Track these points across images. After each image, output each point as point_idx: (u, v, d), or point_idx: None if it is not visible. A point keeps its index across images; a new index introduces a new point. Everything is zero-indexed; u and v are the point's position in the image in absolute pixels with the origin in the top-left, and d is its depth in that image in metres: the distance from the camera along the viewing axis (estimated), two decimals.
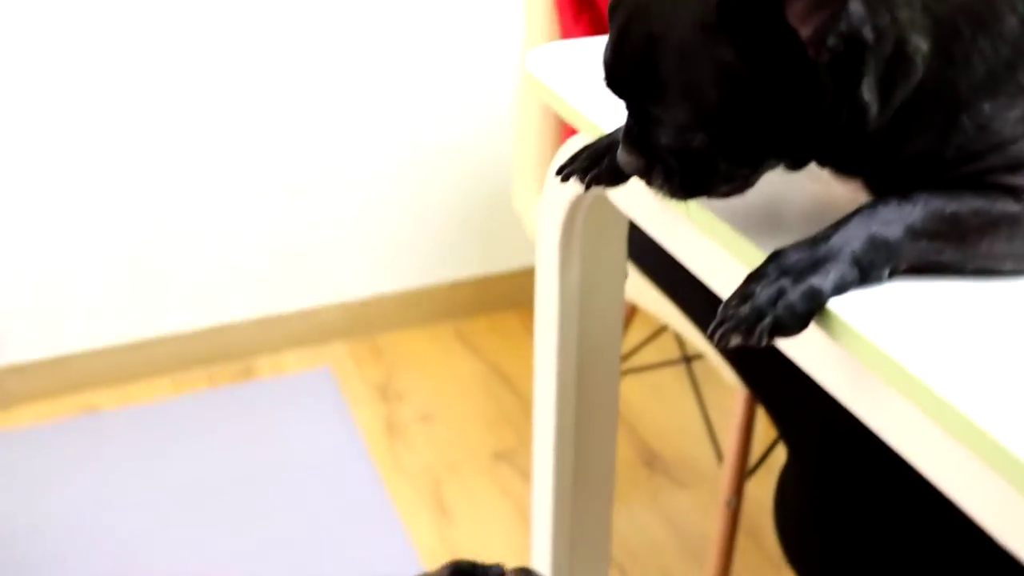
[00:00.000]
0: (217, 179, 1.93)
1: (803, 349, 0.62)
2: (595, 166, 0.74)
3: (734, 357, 1.19)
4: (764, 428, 1.67)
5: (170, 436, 1.87)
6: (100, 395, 1.98)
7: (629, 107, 0.62)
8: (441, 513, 1.72)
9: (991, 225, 0.58)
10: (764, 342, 0.57)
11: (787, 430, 1.12)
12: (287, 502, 1.72)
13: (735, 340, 0.58)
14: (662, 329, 1.68)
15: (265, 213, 1.98)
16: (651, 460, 1.81)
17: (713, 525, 1.37)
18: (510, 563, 0.94)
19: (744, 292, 0.58)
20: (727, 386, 1.45)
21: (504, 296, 2.17)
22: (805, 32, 0.55)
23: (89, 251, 1.90)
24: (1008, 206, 0.58)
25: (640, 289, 1.39)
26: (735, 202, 0.65)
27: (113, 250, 1.91)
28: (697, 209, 0.68)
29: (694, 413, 1.83)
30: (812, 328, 0.58)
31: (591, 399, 1.11)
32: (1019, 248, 0.59)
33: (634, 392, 1.96)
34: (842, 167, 0.63)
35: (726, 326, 0.57)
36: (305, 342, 2.10)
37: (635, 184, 0.76)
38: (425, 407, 1.95)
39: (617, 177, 0.73)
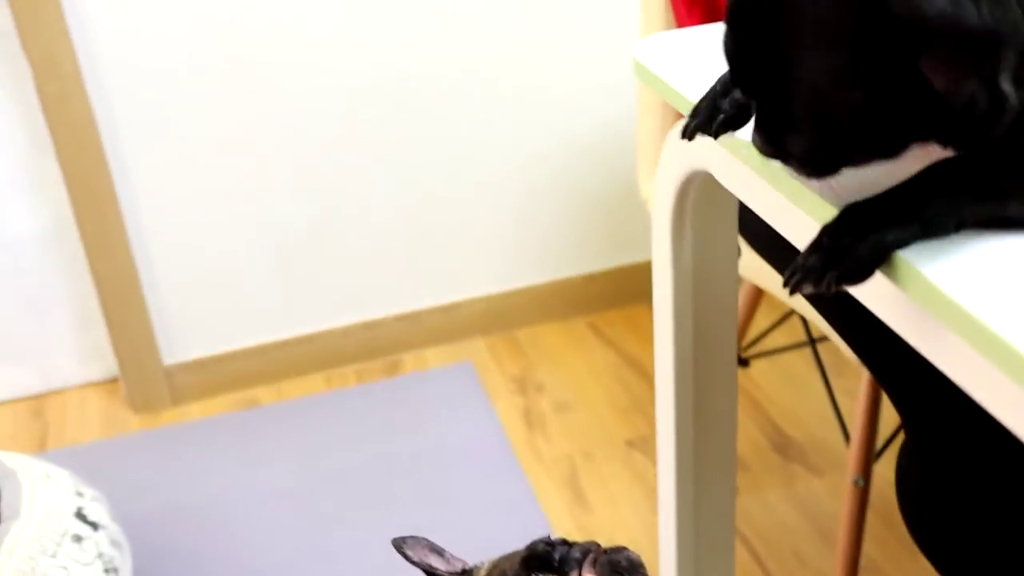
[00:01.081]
0: (360, 182, 2.04)
1: (873, 296, 0.66)
2: (715, 115, 0.75)
3: (847, 332, 1.20)
4: (892, 409, 1.66)
5: (322, 428, 1.99)
6: (260, 390, 2.12)
7: (757, 91, 0.63)
8: (577, 499, 1.78)
9: None
10: (832, 290, 0.60)
11: (902, 404, 1.13)
12: (431, 489, 1.81)
13: (806, 288, 0.62)
14: (790, 313, 1.70)
15: (405, 214, 2.09)
16: (784, 446, 1.83)
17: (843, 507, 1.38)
18: (643, 547, 0.97)
19: (817, 244, 0.62)
20: (854, 367, 1.45)
21: (636, 288, 2.21)
22: (940, 84, 0.55)
23: (244, 254, 2.04)
24: None
25: (765, 273, 1.42)
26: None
27: (265, 253, 2.05)
28: (786, 180, 0.72)
29: (825, 397, 1.84)
30: (879, 277, 0.61)
31: (709, 378, 1.14)
32: None
33: (765, 377, 1.97)
34: (952, 143, 0.64)
35: (798, 275, 0.61)
36: (446, 338, 2.20)
37: (740, 166, 0.80)
38: (561, 397, 2.02)
39: (740, 120, 0.74)
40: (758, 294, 1.55)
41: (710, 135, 0.75)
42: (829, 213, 0.66)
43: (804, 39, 0.58)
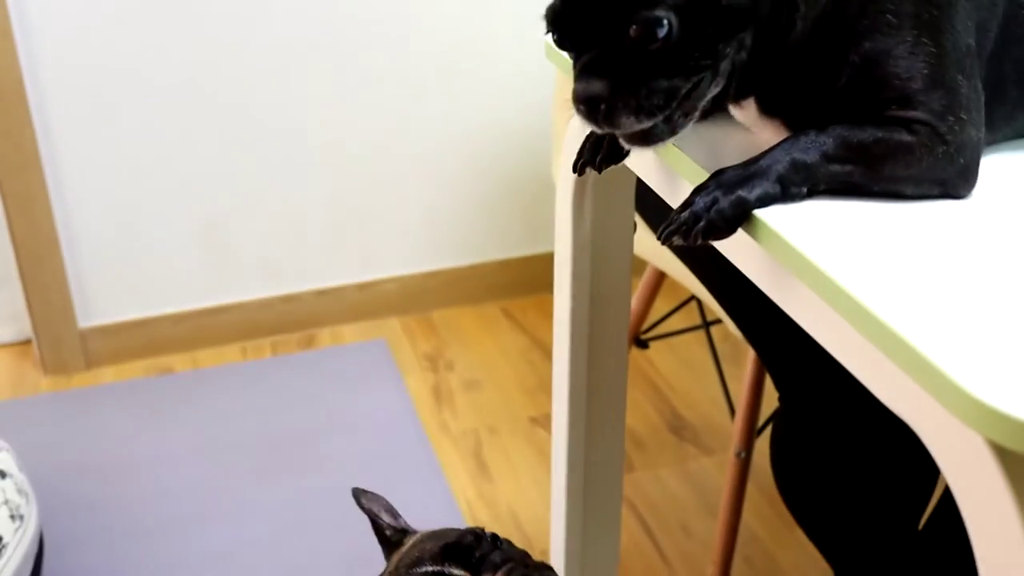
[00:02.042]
0: (282, 158, 2.08)
1: (736, 251, 0.74)
2: (599, 151, 0.85)
3: (731, 306, 1.30)
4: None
5: (235, 397, 2.03)
6: (175, 358, 2.15)
7: (585, 38, 0.70)
8: (481, 470, 1.85)
9: (891, 153, 0.69)
10: (699, 241, 0.68)
11: (779, 377, 1.23)
12: (340, 458, 1.86)
13: (677, 240, 0.70)
14: (689, 299, 1.79)
15: (328, 192, 2.14)
16: (678, 427, 1.92)
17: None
18: (540, 516, 0.96)
19: (689, 201, 0.70)
20: (746, 353, 1.55)
21: (549, 276, 2.28)
22: None
23: (167, 223, 2.07)
24: (903, 137, 0.68)
25: (665, 258, 1.50)
26: (693, 147, 0.77)
27: (188, 221, 2.08)
28: (668, 148, 0.80)
29: (718, 381, 1.94)
30: (741, 233, 0.70)
31: (603, 352, 1.21)
32: (916, 173, 0.69)
33: (663, 360, 2.07)
34: (766, 105, 0.74)
35: (670, 228, 0.69)
36: (363, 315, 2.25)
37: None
38: (471, 376, 2.09)
39: (617, 156, 0.84)
40: (659, 278, 1.64)
41: (596, 170, 0.86)
42: (703, 177, 0.75)
43: None
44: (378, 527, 0.99)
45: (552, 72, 2.10)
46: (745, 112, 0.77)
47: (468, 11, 2.06)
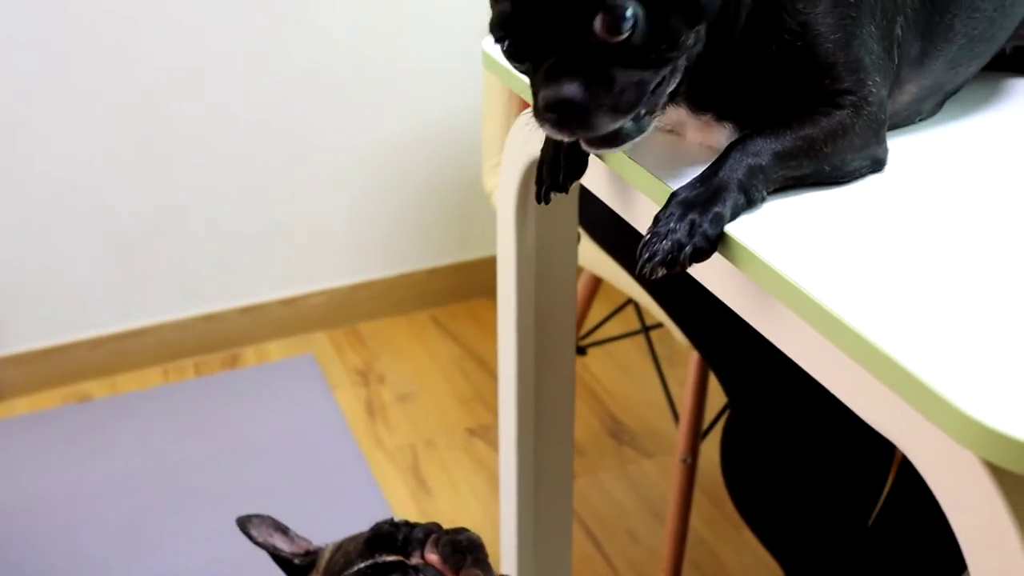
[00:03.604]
0: (201, 172, 2.01)
1: (709, 275, 0.72)
2: (557, 171, 0.82)
3: (679, 315, 1.28)
4: (719, 391, 1.77)
5: (159, 422, 1.95)
6: (92, 384, 2.06)
7: (542, 48, 0.67)
8: (420, 486, 1.81)
9: (830, 133, 0.70)
10: (687, 267, 0.66)
11: (727, 379, 1.22)
12: (272, 479, 1.80)
13: (660, 271, 0.67)
14: (625, 304, 1.78)
15: (248, 205, 2.07)
16: (617, 431, 1.91)
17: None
18: (484, 530, 0.98)
19: (659, 230, 0.67)
20: (685, 356, 1.54)
21: (478, 283, 2.26)
22: None
23: (80, 243, 1.98)
24: (835, 115, 0.70)
25: (602, 263, 1.48)
26: (644, 159, 0.76)
27: (103, 242, 2.00)
28: (622, 161, 0.78)
29: (655, 385, 1.93)
30: (716, 257, 0.68)
31: (549, 365, 1.19)
32: (853, 143, 0.71)
33: (600, 366, 2.06)
34: (697, 102, 0.73)
35: (654, 260, 0.66)
36: (289, 331, 2.19)
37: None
38: (403, 388, 2.05)
39: (579, 170, 0.81)
40: (595, 284, 1.62)
41: (562, 192, 0.82)
42: (664, 192, 0.72)
43: None
44: (282, 559, 0.97)
45: (478, 77, 2.07)
46: (668, 115, 0.75)
47: (387, 14, 2.01)
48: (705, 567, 1.62)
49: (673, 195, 0.69)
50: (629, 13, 0.63)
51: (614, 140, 0.67)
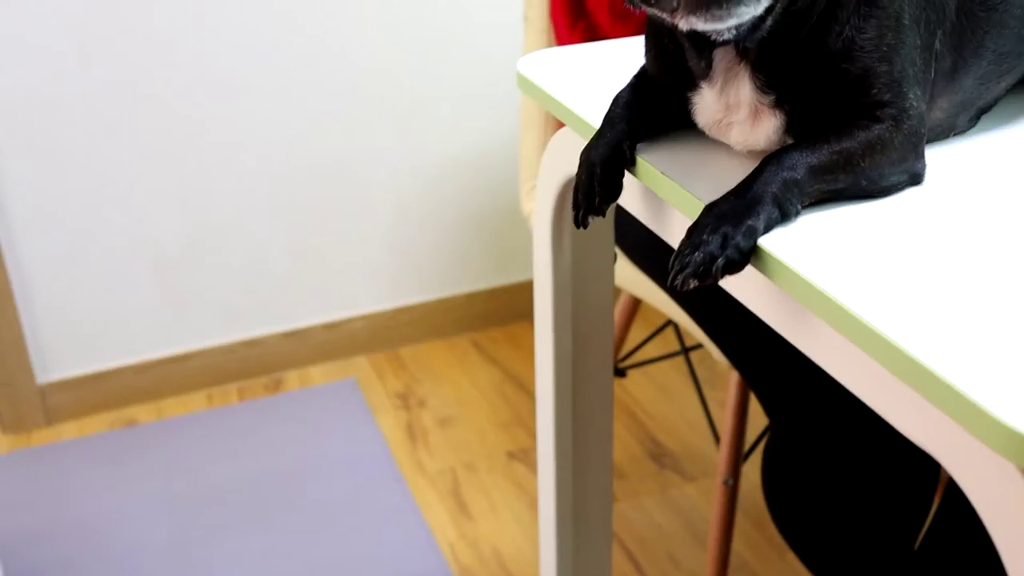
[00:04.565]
0: (240, 198, 2.04)
1: (744, 288, 0.72)
2: (593, 195, 0.82)
3: (718, 335, 1.28)
4: (760, 412, 1.76)
5: (203, 446, 1.97)
6: (138, 409, 2.09)
7: None
8: (460, 510, 1.81)
9: (868, 147, 0.70)
10: (719, 280, 0.66)
11: (767, 398, 1.21)
12: (315, 503, 1.81)
13: (692, 283, 0.67)
14: (664, 325, 1.77)
15: (287, 230, 2.10)
16: (658, 454, 1.90)
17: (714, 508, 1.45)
18: (525, 553, 0.93)
19: (692, 242, 0.68)
20: (724, 379, 1.53)
21: (518, 307, 2.27)
22: None
23: (123, 270, 2.01)
24: (874, 129, 0.70)
25: (639, 283, 1.48)
26: (679, 175, 0.76)
27: (145, 269, 2.03)
28: (655, 177, 0.78)
29: (695, 407, 1.92)
30: (749, 268, 0.68)
31: (587, 385, 1.19)
32: (891, 158, 0.71)
33: (640, 388, 2.05)
34: (765, 71, 0.72)
35: (685, 272, 0.67)
36: (330, 355, 2.21)
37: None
38: (444, 412, 2.05)
39: (614, 192, 0.81)
40: (634, 305, 1.62)
41: (599, 215, 0.81)
42: (697, 206, 0.72)
43: None
44: None
45: (515, 101, 2.09)
46: (725, 95, 0.75)
47: (423, 40, 2.03)
48: None
49: (707, 208, 0.69)
50: None
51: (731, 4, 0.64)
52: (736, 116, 0.76)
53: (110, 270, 2.01)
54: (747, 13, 0.65)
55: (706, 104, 0.76)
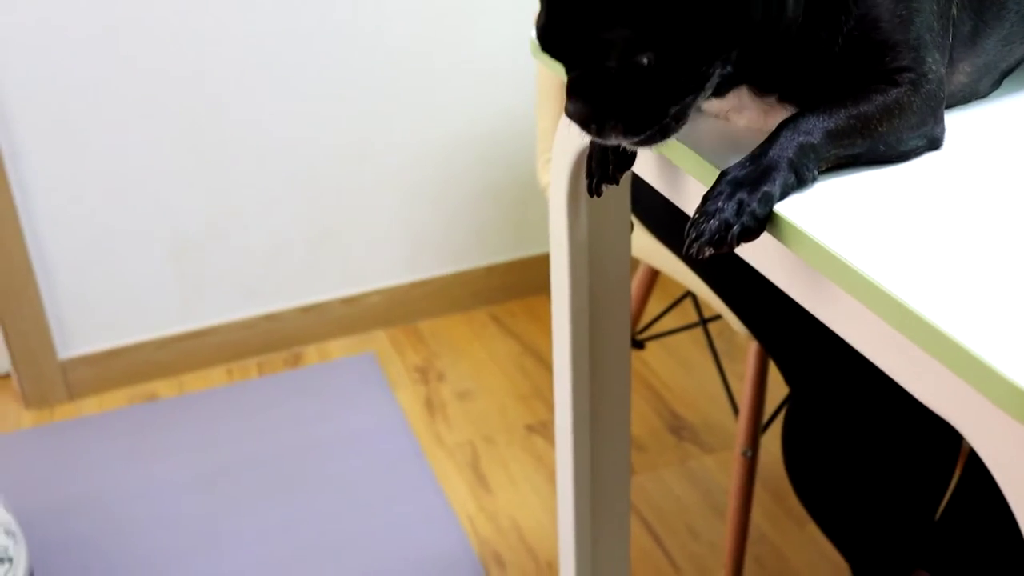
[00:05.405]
0: (257, 175, 2.04)
1: (760, 255, 0.71)
2: (606, 163, 0.82)
3: (737, 304, 1.27)
4: (779, 383, 1.75)
5: (223, 420, 1.98)
6: (159, 384, 2.10)
7: (572, 60, 0.68)
8: (479, 482, 1.81)
9: (885, 111, 0.69)
10: (734, 247, 0.66)
11: (788, 370, 1.20)
12: (333, 477, 1.82)
13: (707, 251, 0.67)
14: (683, 297, 1.76)
15: (305, 206, 2.10)
16: (676, 426, 1.89)
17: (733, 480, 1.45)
18: (544, 526, 0.92)
19: (707, 209, 0.67)
20: (743, 350, 1.52)
21: (536, 280, 2.26)
22: None
23: (143, 247, 2.02)
24: (891, 92, 0.69)
25: (656, 253, 1.47)
26: (696, 143, 0.75)
27: (165, 245, 2.04)
28: (670, 144, 0.77)
29: (714, 379, 1.91)
30: (765, 236, 0.67)
31: (604, 354, 1.18)
32: (910, 121, 0.70)
33: (658, 360, 2.04)
34: (762, 86, 0.72)
35: (701, 240, 0.66)
36: (349, 330, 2.21)
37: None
38: (463, 386, 2.05)
39: (628, 161, 0.82)
40: (652, 277, 1.61)
41: (613, 183, 0.83)
42: (713, 173, 0.71)
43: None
44: None
45: (531, 74, 2.08)
46: (726, 100, 0.74)
47: (437, 14, 2.02)
48: (767, 562, 1.60)
49: (722, 174, 0.68)
50: (643, 61, 0.65)
51: (640, 144, 0.69)
52: (743, 116, 0.75)
53: (131, 247, 2.01)
54: (659, 141, 0.68)
55: (711, 105, 0.76)
